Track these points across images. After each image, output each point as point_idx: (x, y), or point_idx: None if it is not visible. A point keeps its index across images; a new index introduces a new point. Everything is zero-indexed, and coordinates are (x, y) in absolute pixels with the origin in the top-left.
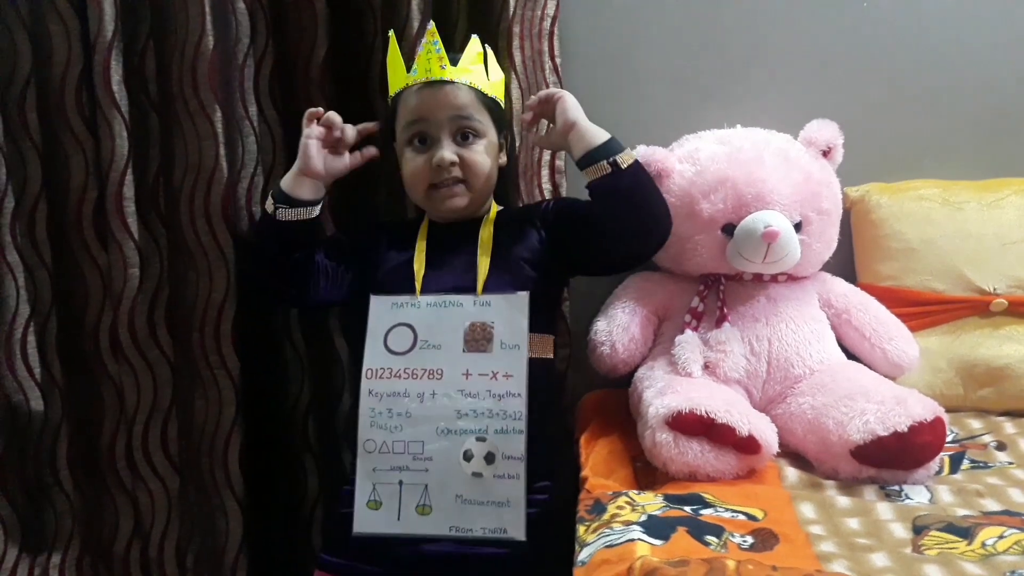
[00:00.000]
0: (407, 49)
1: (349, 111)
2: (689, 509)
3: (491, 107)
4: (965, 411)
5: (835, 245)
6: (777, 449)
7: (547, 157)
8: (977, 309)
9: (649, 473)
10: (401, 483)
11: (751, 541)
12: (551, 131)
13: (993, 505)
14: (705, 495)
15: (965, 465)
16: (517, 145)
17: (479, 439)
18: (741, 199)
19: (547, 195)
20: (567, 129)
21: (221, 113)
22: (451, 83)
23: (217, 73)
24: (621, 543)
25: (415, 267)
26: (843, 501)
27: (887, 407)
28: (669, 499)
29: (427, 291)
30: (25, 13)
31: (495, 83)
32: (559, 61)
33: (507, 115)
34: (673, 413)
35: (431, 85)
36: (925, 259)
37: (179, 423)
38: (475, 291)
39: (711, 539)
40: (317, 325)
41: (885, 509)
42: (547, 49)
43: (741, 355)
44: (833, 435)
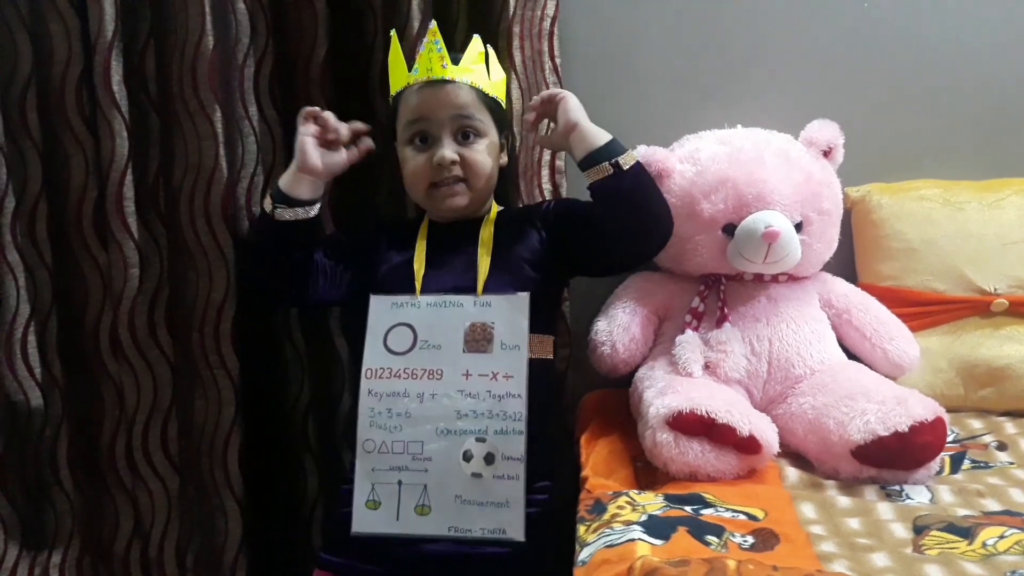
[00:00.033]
0: (407, 49)
1: (349, 111)
2: (690, 509)
3: (492, 107)
4: (966, 411)
5: (836, 245)
6: (778, 449)
7: (547, 157)
8: (978, 309)
9: (650, 473)
10: (400, 483)
11: (752, 541)
12: (553, 131)
13: (994, 505)
14: (706, 495)
15: (966, 465)
16: (517, 145)
17: (479, 440)
18: (742, 199)
19: (547, 195)
20: (568, 130)
21: (221, 113)
22: (452, 82)
23: (217, 73)
24: (621, 543)
25: (415, 267)
26: (844, 501)
27: (888, 407)
28: (670, 499)
29: (427, 291)
30: (26, 12)
31: (496, 83)
32: (559, 61)
33: (507, 115)
34: (674, 413)
35: (432, 84)
36: (926, 259)
37: (179, 423)
38: (475, 291)
39: (712, 539)
40: (317, 325)
41: (886, 509)
42: (547, 49)
43: (742, 355)
44: (834, 435)
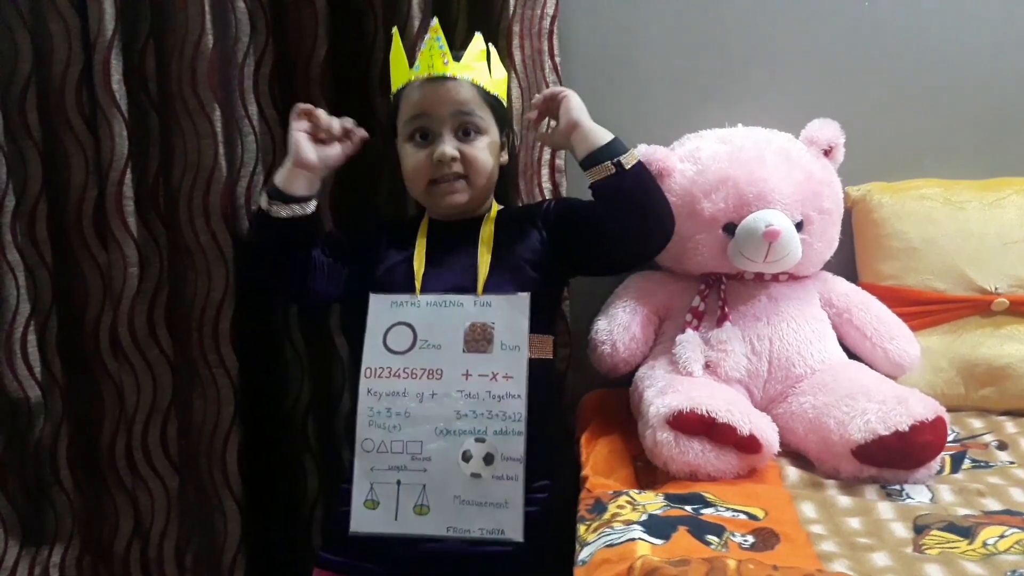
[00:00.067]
0: (407, 48)
1: (349, 111)
2: (690, 508)
3: (493, 104)
4: (966, 410)
5: (836, 244)
6: (778, 448)
7: (547, 156)
8: (978, 308)
9: (650, 472)
10: (399, 483)
11: (752, 540)
12: (554, 130)
13: (994, 504)
14: (706, 494)
15: (966, 464)
16: (517, 144)
17: (478, 440)
18: (742, 198)
19: (547, 195)
20: (570, 129)
21: (220, 112)
22: (454, 79)
23: (216, 72)
24: (622, 542)
25: (415, 266)
26: (844, 500)
27: (888, 406)
28: (670, 498)
29: (427, 290)
30: (26, 12)
31: (498, 81)
32: (559, 60)
33: (508, 114)
34: (674, 412)
35: (433, 81)
36: (926, 258)
37: (178, 423)
38: (475, 291)
39: (712, 538)
40: (317, 324)
41: (886, 508)
42: (547, 48)
43: (742, 354)
44: (834, 434)
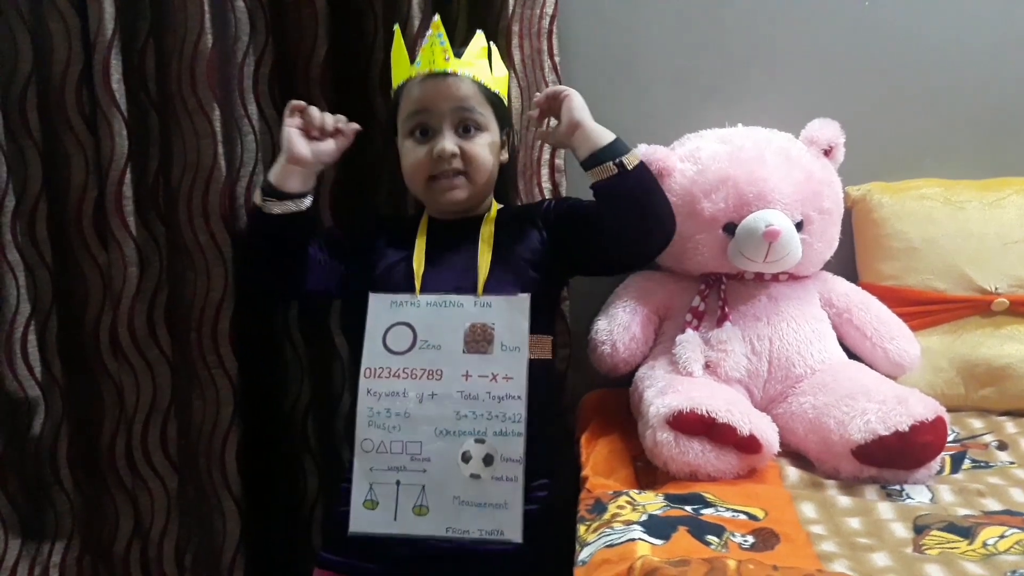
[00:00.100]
0: (408, 47)
1: (349, 111)
2: (690, 509)
3: (494, 102)
4: (966, 411)
5: (836, 244)
6: (778, 449)
7: (547, 156)
8: (978, 308)
9: (650, 473)
10: (398, 483)
11: (752, 541)
12: (555, 129)
13: (994, 505)
14: (706, 495)
15: (966, 465)
16: (516, 144)
17: (478, 441)
18: (742, 198)
19: (547, 194)
20: (572, 129)
21: (220, 112)
22: (455, 75)
23: (216, 71)
24: (622, 543)
25: (414, 265)
26: (844, 501)
27: (888, 406)
28: (670, 499)
29: (427, 290)
30: (26, 11)
31: (499, 78)
32: (558, 60)
33: (509, 112)
34: (674, 412)
35: (434, 77)
36: (926, 258)
37: (178, 423)
38: (475, 291)
39: (712, 539)
40: (317, 324)
41: (886, 509)
42: (546, 48)
43: (742, 354)
44: (834, 434)
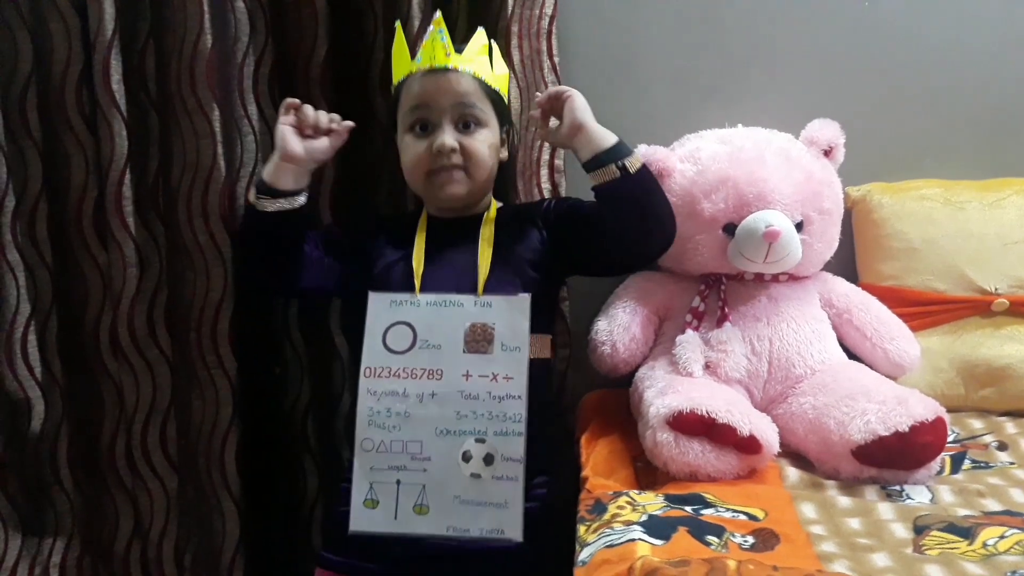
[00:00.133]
0: (408, 46)
1: (349, 111)
2: (690, 509)
3: (494, 99)
4: (966, 411)
5: (836, 245)
6: (778, 449)
7: (546, 157)
8: (978, 309)
9: (650, 473)
10: (399, 482)
11: (752, 541)
12: (557, 129)
13: (994, 505)
14: (706, 495)
15: (966, 465)
16: (516, 144)
17: (478, 440)
18: (742, 198)
19: (546, 195)
20: (575, 130)
21: (219, 112)
22: (455, 71)
23: (215, 71)
24: (622, 543)
25: (414, 264)
26: (844, 501)
27: (888, 407)
28: (670, 499)
29: (426, 289)
30: (26, 12)
31: (499, 76)
32: (557, 60)
33: (509, 110)
34: (674, 413)
35: (435, 72)
36: (926, 259)
37: (177, 423)
38: (475, 291)
39: (712, 539)
40: (317, 324)
41: (886, 509)
42: (545, 48)
43: (742, 355)
44: (834, 435)
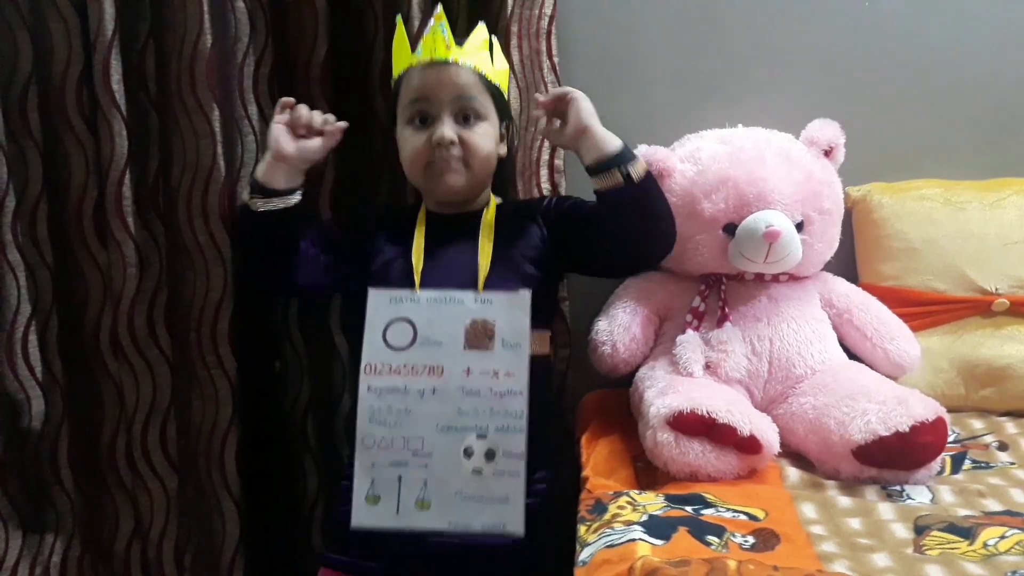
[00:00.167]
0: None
1: (349, 111)
2: (690, 509)
3: (494, 93)
4: (967, 411)
5: (836, 245)
6: (778, 449)
7: (546, 157)
8: (979, 309)
9: (650, 473)
10: (400, 478)
11: (752, 541)
12: (560, 130)
13: (995, 505)
14: (706, 495)
15: (967, 465)
16: (516, 144)
17: (480, 436)
18: (743, 199)
19: (546, 194)
20: (579, 133)
21: (219, 112)
22: (455, 64)
23: (215, 71)
24: (622, 543)
25: (413, 261)
26: (844, 501)
27: (889, 407)
28: (670, 499)
29: (426, 285)
30: (26, 12)
31: (500, 71)
32: (557, 60)
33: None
34: (674, 413)
35: (435, 65)
36: (927, 259)
37: (177, 423)
38: (475, 287)
39: (712, 539)
40: (317, 324)
41: (886, 509)
42: (545, 48)
43: (742, 355)
44: (834, 435)
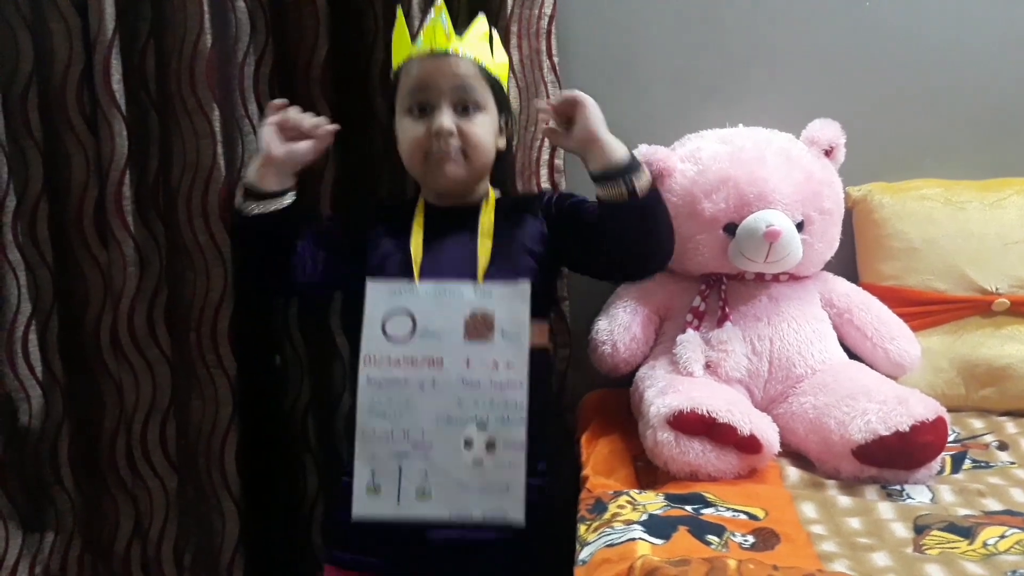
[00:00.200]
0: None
1: (349, 111)
2: (690, 508)
3: (494, 85)
4: (967, 411)
5: (837, 245)
6: (778, 449)
7: (546, 156)
8: (979, 309)
9: (650, 472)
10: (401, 468)
11: (752, 540)
12: (567, 134)
13: (995, 505)
14: (706, 494)
15: (967, 465)
16: (515, 144)
17: (480, 427)
18: (743, 198)
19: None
20: (588, 140)
21: (219, 112)
22: (455, 55)
23: (215, 71)
24: (622, 542)
25: (412, 253)
26: (844, 501)
27: (889, 407)
28: (670, 498)
29: (425, 278)
30: (27, 11)
31: (499, 64)
32: (557, 60)
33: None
34: (674, 412)
35: (435, 55)
36: (927, 259)
37: (177, 423)
38: (474, 279)
39: (712, 538)
40: (317, 324)
41: (886, 509)
42: (545, 48)
43: (743, 354)
44: (835, 435)
